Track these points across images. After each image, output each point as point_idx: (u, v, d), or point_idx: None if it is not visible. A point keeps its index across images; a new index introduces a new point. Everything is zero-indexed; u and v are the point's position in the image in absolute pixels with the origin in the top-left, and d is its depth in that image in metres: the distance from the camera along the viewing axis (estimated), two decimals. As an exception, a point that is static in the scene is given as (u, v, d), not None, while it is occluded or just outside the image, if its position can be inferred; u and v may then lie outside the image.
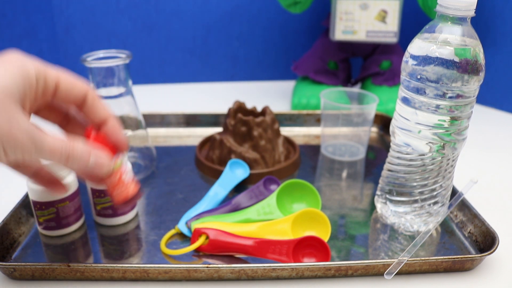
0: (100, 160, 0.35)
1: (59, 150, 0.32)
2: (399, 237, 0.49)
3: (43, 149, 0.31)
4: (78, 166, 0.33)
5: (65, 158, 0.32)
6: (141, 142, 0.63)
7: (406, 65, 0.43)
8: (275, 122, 0.64)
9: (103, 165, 0.35)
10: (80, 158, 0.33)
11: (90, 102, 0.36)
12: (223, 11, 0.99)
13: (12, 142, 0.29)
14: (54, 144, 0.32)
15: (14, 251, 0.47)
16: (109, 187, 0.38)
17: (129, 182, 0.38)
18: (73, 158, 0.33)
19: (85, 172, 0.35)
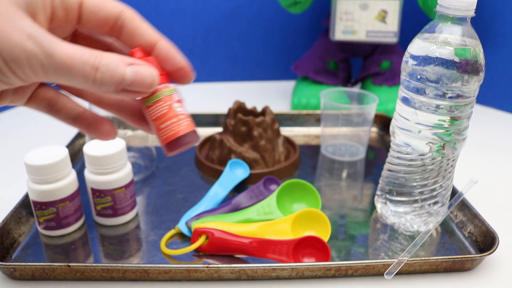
0: (142, 70, 0.25)
1: (80, 58, 0.23)
2: (399, 237, 0.49)
3: (55, 56, 0.22)
4: (111, 80, 0.24)
5: (89, 69, 0.23)
6: (141, 142, 0.63)
7: (406, 65, 0.43)
8: (275, 122, 0.64)
9: (145, 76, 0.25)
10: (113, 68, 0.24)
11: (129, 25, 0.27)
12: (223, 11, 0.99)
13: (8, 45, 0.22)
14: (74, 51, 0.23)
15: (14, 251, 0.47)
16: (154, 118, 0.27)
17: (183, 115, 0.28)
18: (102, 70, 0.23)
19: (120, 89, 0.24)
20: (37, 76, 0.23)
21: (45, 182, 0.46)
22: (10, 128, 0.78)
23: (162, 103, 0.27)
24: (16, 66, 0.22)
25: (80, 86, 0.24)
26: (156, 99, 0.27)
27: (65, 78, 0.23)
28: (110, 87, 0.24)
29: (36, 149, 0.47)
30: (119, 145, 0.49)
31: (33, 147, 0.49)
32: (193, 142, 0.28)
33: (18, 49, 0.22)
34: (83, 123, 0.29)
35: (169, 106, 0.27)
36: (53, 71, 0.23)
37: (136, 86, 0.25)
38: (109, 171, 0.48)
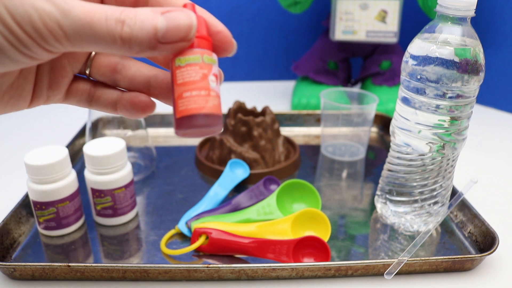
0: (177, 15, 0.20)
1: (102, 13, 0.19)
2: (399, 237, 0.49)
3: (72, 12, 0.19)
4: (141, 34, 0.20)
5: (114, 24, 0.19)
6: (141, 142, 0.63)
7: (406, 65, 0.43)
8: (275, 122, 0.64)
9: (181, 20, 0.20)
10: (143, 19, 0.20)
11: None
12: (223, 11, 0.99)
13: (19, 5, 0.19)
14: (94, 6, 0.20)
15: (14, 251, 0.47)
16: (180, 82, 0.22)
17: (214, 92, 0.22)
18: (130, 23, 0.20)
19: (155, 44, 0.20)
20: (59, 41, 0.19)
21: (45, 182, 0.46)
22: (10, 128, 0.78)
23: (196, 68, 0.22)
24: (32, 29, 0.19)
25: (107, 48, 0.20)
26: (190, 61, 0.22)
27: (89, 40, 0.20)
28: (143, 42, 0.20)
29: (36, 149, 0.47)
30: (119, 145, 0.49)
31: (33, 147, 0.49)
32: (212, 128, 0.22)
33: (30, 9, 0.19)
34: (123, 107, 0.26)
35: (203, 74, 0.22)
36: (73, 32, 0.19)
37: (171, 35, 0.20)
38: (109, 171, 0.48)
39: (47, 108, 0.87)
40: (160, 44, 0.20)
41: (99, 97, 0.26)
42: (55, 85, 0.25)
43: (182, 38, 0.21)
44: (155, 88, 0.26)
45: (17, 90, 0.23)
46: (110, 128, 0.60)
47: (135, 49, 0.20)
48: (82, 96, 0.26)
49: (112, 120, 0.60)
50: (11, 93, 0.23)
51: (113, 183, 0.49)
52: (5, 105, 0.23)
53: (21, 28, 0.19)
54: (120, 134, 0.60)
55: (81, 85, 0.26)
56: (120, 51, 0.20)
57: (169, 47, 0.21)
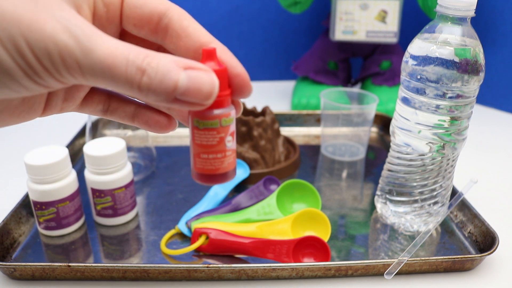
0: (199, 76, 0.20)
1: (124, 58, 0.19)
2: (399, 237, 0.49)
3: (94, 53, 0.18)
4: (160, 87, 0.19)
5: (134, 72, 0.19)
6: (141, 142, 0.63)
7: (406, 65, 0.43)
8: (275, 122, 0.64)
9: (203, 84, 0.20)
10: (165, 73, 0.19)
11: (176, 24, 0.22)
12: (223, 11, 0.99)
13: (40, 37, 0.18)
14: (117, 48, 0.19)
15: (14, 251, 0.47)
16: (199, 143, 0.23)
17: (230, 151, 0.23)
18: (151, 74, 0.19)
19: (172, 99, 0.20)
20: (74, 76, 0.19)
21: (45, 182, 0.46)
22: (10, 128, 0.78)
23: (214, 133, 0.22)
24: (49, 63, 0.18)
25: (123, 91, 0.20)
26: (209, 126, 0.22)
27: (105, 81, 0.19)
28: (160, 95, 0.19)
29: (36, 149, 0.48)
30: (119, 145, 0.49)
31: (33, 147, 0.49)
32: (227, 180, 0.24)
33: (50, 42, 0.18)
34: (141, 120, 0.26)
35: (220, 139, 0.22)
36: (91, 71, 0.19)
37: (190, 96, 0.20)
38: (109, 171, 0.48)
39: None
40: (177, 100, 0.20)
41: (115, 109, 0.26)
42: (71, 98, 0.25)
43: (200, 101, 0.20)
44: (173, 110, 0.26)
45: (28, 104, 0.23)
46: (110, 128, 0.60)
47: (151, 98, 0.20)
48: (97, 107, 0.26)
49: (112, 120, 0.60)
50: (23, 107, 0.23)
51: (113, 183, 0.49)
52: (17, 118, 0.23)
53: (38, 61, 0.18)
54: (120, 134, 0.60)
55: (97, 96, 0.26)
56: (134, 96, 0.20)
57: (185, 106, 0.20)
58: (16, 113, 0.22)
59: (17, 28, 0.18)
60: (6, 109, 0.22)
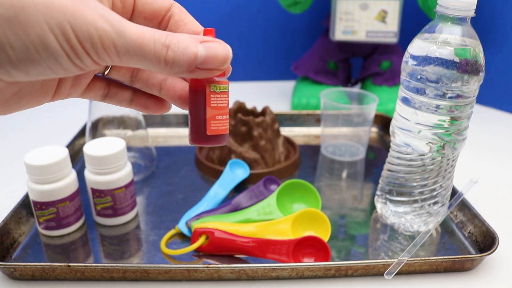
0: (215, 46, 0.24)
1: (151, 36, 0.22)
2: (399, 237, 0.49)
3: (126, 34, 0.22)
4: (183, 58, 0.23)
5: (160, 47, 0.22)
6: (141, 142, 0.63)
7: (406, 65, 0.43)
8: (275, 122, 0.64)
9: (218, 51, 0.24)
10: (185, 46, 0.23)
11: (176, 16, 0.27)
12: (223, 11, 0.99)
13: (83, 24, 0.21)
14: (143, 29, 0.22)
15: (14, 251, 0.47)
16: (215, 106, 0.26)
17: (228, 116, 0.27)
18: (174, 48, 0.23)
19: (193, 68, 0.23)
20: (110, 57, 0.22)
21: (45, 182, 0.46)
22: (10, 128, 0.78)
23: (226, 96, 0.26)
24: (90, 45, 0.21)
25: (151, 67, 0.23)
26: (224, 89, 0.26)
27: (136, 58, 0.22)
28: (183, 66, 0.23)
29: (36, 149, 0.48)
30: (119, 145, 0.49)
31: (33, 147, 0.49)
32: (225, 142, 0.28)
33: (91, 27, 0.21)
34: (138, 103, 0.30)
35: (228, 102, 0.27)
36: (124, 50, 0.22)
37: (209, 63, 0.24)
38: (109, 171, 0.48)
39: (47, 108, 0.87)
40: (197, 69, 0.23)
41: (114, 94, 0.29)
42: (78, 84, 0.27)
43: (217, 67, 0.24)
44: (164, 90, 0.29)
45: (44, 89, 0.25)
46: (110, 128, 0.60)
47: (175, 70, 0.23)
48: (99, 92, 0.29)
49: (112, 120, 0.60)
50: (41, 91, 0.25)
51: (113, 183, 0.49)
52: (35, 101, 0.25)
53: (81, 44, 0.21)
54: (120, 134, 0.60)
55: (98, 82, 0.29)
56: (160, 71, 0.23)
57: (205, 73, 0.24)
58: (35, 96, 0.25)
59: (64, 16, 0.20)
60: (30, 93, 0.24)
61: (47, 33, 0.20)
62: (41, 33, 0.20)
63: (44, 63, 0.21)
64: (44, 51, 0.21)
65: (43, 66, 0.21)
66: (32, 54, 0.21)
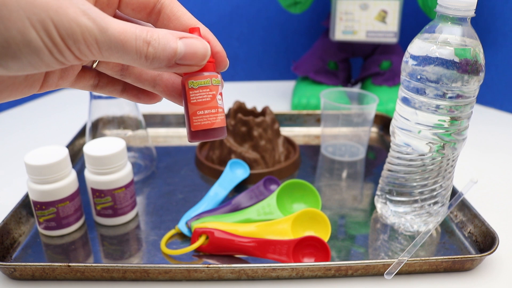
0: (194, 42, 0.24)
1: (133, 33, 0.23)
2: (399, 237, 0.49)
3: (109, 31, 0.22)
4: (163, 54, 0.23)
5: (141, 44, 0.23)
6: (141, 142, 0.63)
7: (406, 65, 0.43)
8: (275, 122, 0.64)
9: (197, 48, 0.24)
10: (165, 42, 0.23)
11: (167, 9, 0.26)
12: (223, 11, 0.99)
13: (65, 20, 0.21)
14: (125, 26, 0.22)
15: (14, 251, 0.47)
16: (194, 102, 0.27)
17: (220, 110, 0.27)
18: (154, 44, 0.23)
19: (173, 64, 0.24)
20: (92, 52, 0.22)
21: (45, 182, 0.46)
22: (10, 128, 0.78)
23: (207, 91, 0.26)
24: (72, 42, 0.21)
25: (132, 62, 0.23)
26: (202, 84, 0.26)
27: (118, 54, 0.23)
28: (163, 61, 0.23)
29: (36, 149, 0.48)
30: (119, 145, 0.49)
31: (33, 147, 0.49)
32: (220, 137, 0.27)
33: (74, 24, 0.21)
34: (130, 93, 0.30)
35: (213, 95, 0.26)
36: (107, 47, 0.22)
37: (188, 59, 0.24)
38: (109, 171, 0.48)
39: (47, 108, 0.87)
40: (177, 65, 0.24)
41: (105, 84, 0.29)
42: (66, 75, 0.27)
43: (196, 63, 0.25)
44: (160, 86, 0.28)
45: (30, 81, 0.25)
46: (110, 128, 0.60)
47: (155, 65, 0.24)
48: (89, 82, 0.29)
49: (112, 120, 0.60)
50: (25, 83, 0.25)
51: (113, 183, 0.49)
52: (20, 93, 0.25)
53: (63, 40, 0.21)
54: (120, 134, 0.60)
55: (88, 73, 0.28)
56: (141, 66, 0.24)
57: (183, 68, 0.24)
58: (20, 88, 0.25)
59: (46, 12, 0.20)
60: (12, 85, 0.24)
61: (29, 29, 0.20)
62: (22, 29, 0.20)
63: (25, 59, 0.21)
64: (26, 47, 0.21)
65: (24, 61, 0.21)
66: (13, 50, 0.21)
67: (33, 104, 0.90)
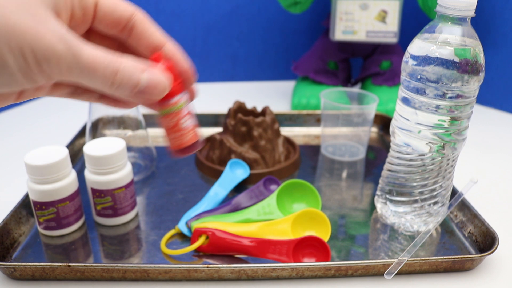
0: (155, 77, 0.26)
1: (103, 61, 0.24)
2: (399, 237, 0.49)
3: (81, 58, 0.24)
4: (127, 84, 0.26)
5: (109, 73, 0.25)
6: (141, 142, 0.63)
7: (406, 65, 0.43)
8: (275, 122, 0.64)
9: (158, 83, 0.27)
10: (130, 74, 0.25)
11: (139, 24, 0.29)
12: (223, 11, 0.99)
13: (42, 46, 0.23)
14: (96, 54, 0.24)
15: (14, 251, 0.47)
16: (165, 127, 0.31)
17: (188, 129, 0.31)
18: (120, 75, 0.25)
19: (136, 93, 0.26)
20: (62, 76, 0.24)
21: (45, 182, 0.46)
22: (10, 128, 0.78)
23: (171, 118, 0.30)
24: (46, 66, 0.23)
25: (98, 87, 0.25)
26: (167, 112, 0.30)
27: (86, 79, 0.25)
28: (126, 91, 0.26)
29: (36, 149, 0.48)
30: (119, 145, 0.49)
31: (33, 147, 0.49)
32: (196, 149, 0.31)
33: (50, 51, 0.23)
34: (107, 100, 0.31)
35: (177, 120, 0.30)
36: (77, 72, 0.24)
37: (148, 93, 0.26)
38: (109, 171, 0.48)
39: (47, 108, 0.87)
40: (139, 93, 0.26)
41: (82, 92, 0.30)
42: (42, 87, 0.28)
43: (156, 95, 0.27)
44: None
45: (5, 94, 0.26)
46: (110, 128, 0.60)
47: (119, 93, 0.26)
48: (65, 90, 0.30)
49: (112, 120, 0.60)
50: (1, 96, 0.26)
51: (113, 183, 0.49)
52: None
53: (38, 65, 0.23)
54: (120, 134, 0.60)
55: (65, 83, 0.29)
56: (106, 92, 0.26)
57: (145, 98, 0.27)
58: None
59: (24, 40, 0.22)
60: None
61: (6, 55, 0.22)
62: (0, 54, 0.22)
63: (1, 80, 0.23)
64: (2, 69, 0.22)
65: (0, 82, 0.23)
66: None
67: (33, 104, 0.90)
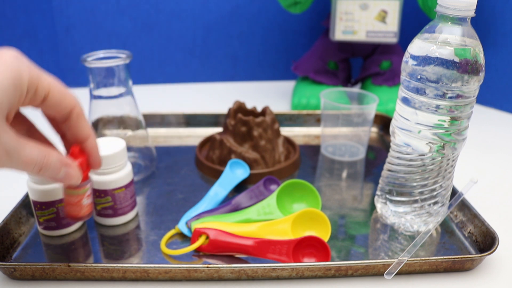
0: (71, 173, 0.36)
1: (34, 162, 0.33)
2: (399, 237, 0.49)
3: (19, 160, 0.32)
4: (49, 175, 0.35)
5: (37, 169, 0.33)
6: (141, 142, 0.63)
7: (406, 65, 0.43)
8: (275, 122, 0.64)
9: (72, 177, 0.36)
10: (53, 168, 0.34)
11: (75, 117, 0.36)
12: (223, 11, 0.99)
13: None
14: (31, 156, 0.32)
15: (14, 251, 0.47)
16: (67, 200, 0.40)
17: (85, 206, 0.40)
18: (45, 169, 0.34)
19: (55, 179, 0.36)
20: None
21: (45, 182, 0.46)
22: (10, 128, 0.78)
23: (75, 197, 0.39)
24: None
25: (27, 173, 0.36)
26: (72, 193, 0.39)
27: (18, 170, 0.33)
28: (50, 178, 0.35)
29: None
30: (119, 145, 0.49)
31: (33, 147, 0.49)
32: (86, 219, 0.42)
33: None
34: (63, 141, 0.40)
35: (79, 200, 0.40)
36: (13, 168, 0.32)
37: (64, 181, 0.36)
38: (109, 171, 0.48)
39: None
40: (58, 180, 0.36)
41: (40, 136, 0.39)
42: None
43: (69, 185, 0.38)
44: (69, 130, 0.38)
45: None
46: (110, 128, 0.60)
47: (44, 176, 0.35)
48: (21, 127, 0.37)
49: (112, 120, 0.60)
50: None
51: (113, 183, 0.49)
52: None
53: None
54: (120, 134, 0.60)
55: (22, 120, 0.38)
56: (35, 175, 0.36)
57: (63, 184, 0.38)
58: None
59: None
60: None
61: None
62: None
63: None
64: None
65: None
66: None
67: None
